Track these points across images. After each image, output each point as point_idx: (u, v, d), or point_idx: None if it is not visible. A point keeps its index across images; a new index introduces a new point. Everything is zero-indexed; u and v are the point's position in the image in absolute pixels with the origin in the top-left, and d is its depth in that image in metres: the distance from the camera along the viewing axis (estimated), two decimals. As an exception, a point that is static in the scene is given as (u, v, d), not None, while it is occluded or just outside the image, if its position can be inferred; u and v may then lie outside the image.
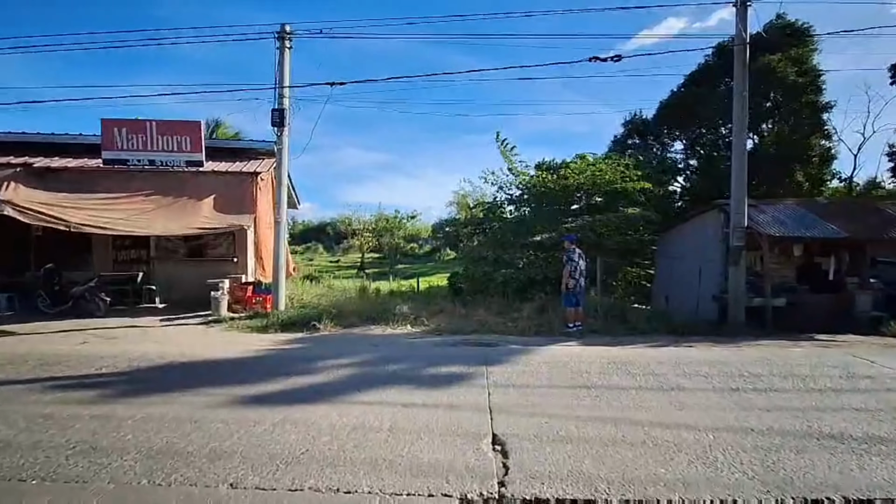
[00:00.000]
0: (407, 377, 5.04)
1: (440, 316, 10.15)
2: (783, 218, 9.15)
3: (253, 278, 10.91)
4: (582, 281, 8.17)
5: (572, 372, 5.21)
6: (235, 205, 9.23)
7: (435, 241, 51.13)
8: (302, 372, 5.21)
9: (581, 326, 8.08)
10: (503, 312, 10.89)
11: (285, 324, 7.94)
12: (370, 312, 8.93)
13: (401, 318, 8.83)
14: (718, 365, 5.51)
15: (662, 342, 7.13)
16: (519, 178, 14.40)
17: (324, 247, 55.25)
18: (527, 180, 14.23)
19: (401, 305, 11.44)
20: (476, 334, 7.72)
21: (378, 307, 9.55)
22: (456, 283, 16.60)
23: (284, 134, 8.75)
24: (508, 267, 12.87)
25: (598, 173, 13.39)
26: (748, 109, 8.70)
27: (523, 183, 14.35)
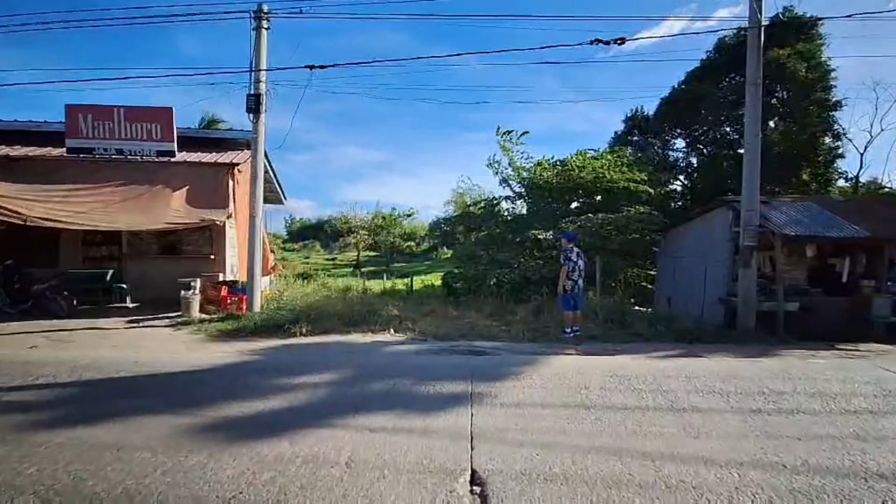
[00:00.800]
0: (379, 394, 4.41)
1: (430, 318, 9.54)
2: (798, 216, 8.53)
3: (232, 277, 10.28)
4: (580, 282, 7.55)
5: (569, 387, 4.58)
6: (209, 198, 8.58)
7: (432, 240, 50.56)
8: (260, 388, 4.57)
9: (579, 331, 7.46)
10: (497, 315, 10.27)
11: (258, 327, 7.30)
12: (353, 315, 8.28)
13: (386, 321, 8.20)
14: (734, 379, 4.88)
15: (668, 350, 6.50)
16: (518, 173, 13.76)
17: (321, 245, 54.86)
18: (526, 175, 13.59)
19: (388, 307, 10.85)
20: (465, 340, 7.09)
21: (363, 309, 8.90)
22: (450, 283, 15.98)
23: (261, 121, 8.10)
24: (503, 266, 12.25)
25: (599, 170, 12.77)
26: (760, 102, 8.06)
27: (523, 178, 13.71)
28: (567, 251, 7.43)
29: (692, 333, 7.26)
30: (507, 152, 13.63)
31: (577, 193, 13.51)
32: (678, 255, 11.48)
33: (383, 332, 7.43)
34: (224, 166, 8.98)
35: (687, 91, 22.64)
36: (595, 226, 11.87)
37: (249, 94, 7.99)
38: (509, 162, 14.01)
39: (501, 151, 14.05)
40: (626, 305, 11.23)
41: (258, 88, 8.03)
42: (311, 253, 52.89)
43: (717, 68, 21.73)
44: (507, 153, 13.65)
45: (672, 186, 23.91)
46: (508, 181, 14.48)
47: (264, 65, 8.05)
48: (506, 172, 13.88)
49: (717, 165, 21.70)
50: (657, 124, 23.93)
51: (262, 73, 8.04)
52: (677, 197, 23.47)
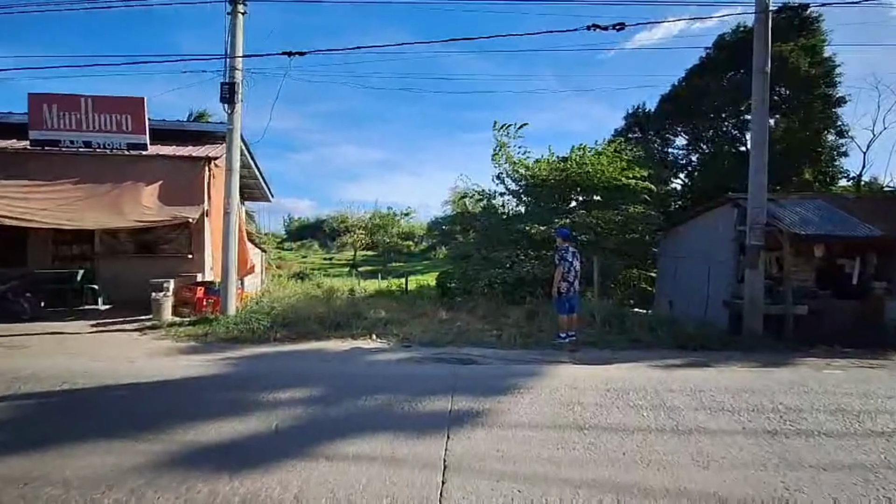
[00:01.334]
0: (344, 414, 3.90)
1: (420, 321, 9.06)
2: (808, 214, 8.06)
3: (211, 277, 9.77)
4: (576, 283, 7.06)
5: (561, 403, 4.09)
6: (184, 194, 8.07)
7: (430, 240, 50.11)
8: (213, 406, 4.07)
9: (575, 336, 6.97)
10: (489, 317, 9.79)
11: (230, 333, 6.80)
12: (336, 319, 7.78)
13: (370, 325, 7.71)
14: (744, 394, 4.40)
15: (670, 358, 6.01)
16: (515, 168, 13.22)
17: (319, 244, 54.46)
18: (523, 172, 13.07)
19: (377, 309, 10.36)
20: (453, 346, 6.59)
21: (347, 312, 8.40)
22: (444, 284, 15.46)
23: (236, 111, 7.59)
24: (497, 266, 11.76)
25: (597, 166, 12.26)
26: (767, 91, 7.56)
27: (520, 174, 13.18)
28: (562, 250, 6.94)
29: (696, 339, 6.78)
30: (503, 147, 13.10)
31: (576, 191, 13.00)
32: (679, 255, 11.00)
33: (365, 337, 6.93)
34: (200, 160, 8.46)
35: (687, 88, 22.18)
36: (592, 224, 11.37)
37: (223, 83, 7.48)
38: (506, 158, 13.47)
39: (498, 147, 13.50)
40: (625, 308, 10.76)
41: (233, 76, 7.52)
42: (308, 252, 52.50)
43: (717, 65, 21.27)
44: (504, 148, 13.11)
45: (672, 185, 23.46)
46: (504, 177, 13.96)
47: (240, 51, 7.54)
48: (503, 167, 13.34)
49: (718, 163, 21.23)
50: (657, 122, 23.47)
51: (237, 59, 7.53)
52: (677, 196, 23.01)
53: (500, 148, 13.36)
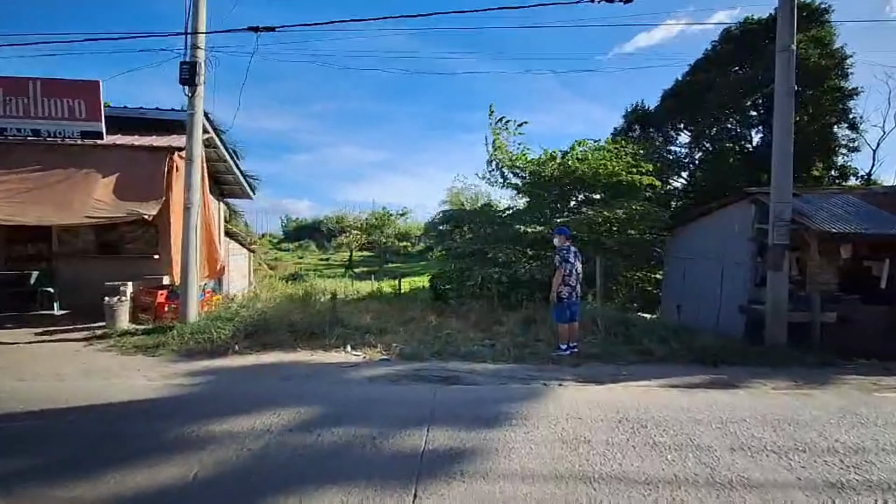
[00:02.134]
0: (288, 456, 3.08)
1: (406, 328, 8.27)
2: (836, 210, 7.26)
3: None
4: (579, 288, 6.25)
5: (564, 441, 3.27)
6: (142, 188, 7.24)
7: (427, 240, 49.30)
8: (130, 444, 3.25)
9: (577, 348, 6.16)
10: (482, 323, 8.97)
11: (184, 344, 5.98)
12: (311, 327, 6.96)
13: (348, 335, 6.90)
14: (787, 427, 3.59)
15: (688, 375, 5.20)
16: (514, 161, 12.39)
17: (316, 244, 53.85)
18: (521, 164, 12.25)
19: (360, 315, 9.56)
20: (438, 360, 5.76)
21: (326, 319, 7.58)
22: (437, 286, 14.63)
23: (198, 94, 6.76)
24: (493, 265, 10.95)
25: (599, 161, 11.46)
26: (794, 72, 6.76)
27: (517, 166, 12.35)
28: (563, 251, 6.12)
29: (715, 352, 5.95)
30: (497, 136, 12.25)
31: (576, 188, 12.20)
32: (688, 255, 10.20)
33: (340, 349, 6.10)
34: (162, 151, 7.63)
35: (691, 83, 21.40)
36: (593, 222, 10.57)
37: (183, 62, 6.65)
38: (500, 155, 12.64)
39: (493, 141, 12.65)
40: (630, 313, 9.96)
41: (195, 55, 6.69)
42: (305, 253, 51.88)
43: (723, 59, 20.51)
44: (497, 138, 12.27)
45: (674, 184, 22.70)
46: (502, 167, 13.12)
47: (203, 27, 6.72)
48: (497, 157, 12.48)
49: (722, 161, 20.46)
50: (659, 119, 22.69)
51: (199, 37, 6.71)
52: (679, 195, 22.24)
53: (497, 142, 12.53)
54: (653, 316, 12.16)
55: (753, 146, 20.68)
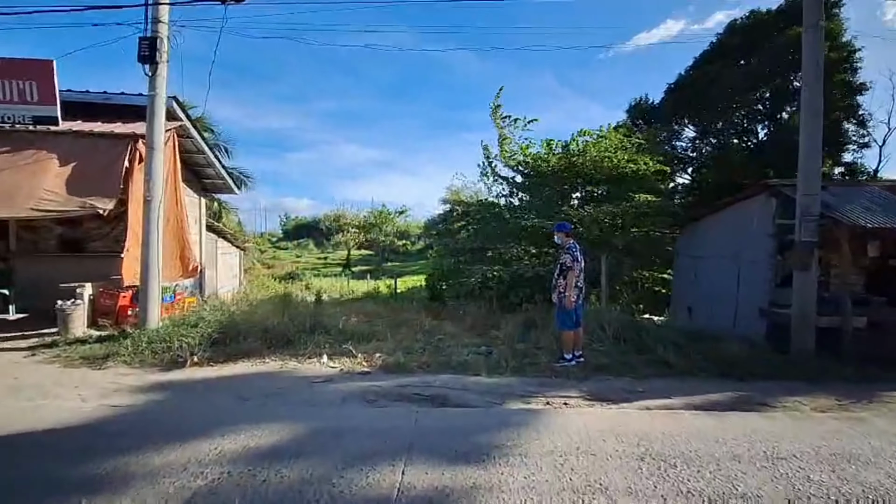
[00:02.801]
0: (231, 496, 2.39)
1: (396, 332, 7.59)
2: (865, 203, 6.58)
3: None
4: (585, 290, 5.56)
5: (574, 489, 2.57)
6: (100, 179, 6.53)
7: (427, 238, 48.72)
8: (21, 494, 2.55)
9: (583, 358, 5.47)
10: (478, 327, 8.30)
11: (138, 354, 5.27)
12: (288, 333, 6.26)
13: (330, 342, 6.21)
14: (847, 465, 2.89)
15: (712, 392, 4.50)
16: (514, 156, 11.67)
17: (315, 243, 53.26)
18: (521, 158, 11.55)
19: (347, 318, 8.89)
20: (426, 373, 5.07)
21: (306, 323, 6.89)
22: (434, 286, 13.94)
23: (159, 74, 6.05)
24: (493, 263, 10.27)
25: (602, 153, 10.75)
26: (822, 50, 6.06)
27: (517, 160, 11.64)
28: (571, 249, 5.41)
29: (741, 363, 5.26)
30: (502, 130, 11.49)
31: (578, 182, 11.49)
32: (700, 254, 9.51)
33: (314, 359, 5.39)
34: (124, 139, 6.91)
35: (697, 76, 20.70)
36: (599, 218, 9.89)
37: (142, 38, 5.94)
38: (507, 147, 11.86)
39: (497, 135, 11.87)
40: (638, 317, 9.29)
41: (156, 30, 5.98)
42: (304, 252, 51.29)
43: (728, 51, 19.79)
44: (503, 131, 11.51)
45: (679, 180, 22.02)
46: (500, 163, 12.40)
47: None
48: (504, 154, 11.73)
49: (728, 157, 19.78)
50: (663, 114, 21.98)
51: (161, 8, 6.00)
52: (684, 192, 21.55)
53: (503, 135, 11.76)
54: (661, 318, 11.49)
55: (759, 141, 20.02)
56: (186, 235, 8.40)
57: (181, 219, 8.33)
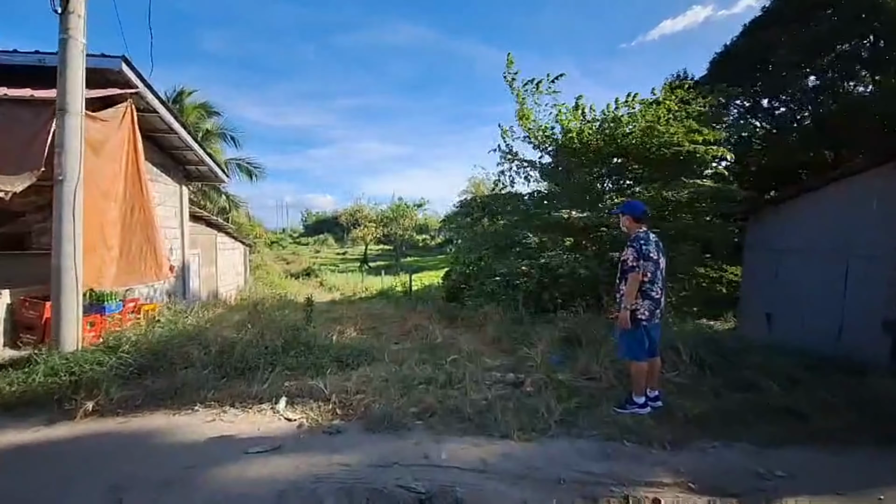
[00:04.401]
0: None
1: (403, 345, 6.00)
2: None
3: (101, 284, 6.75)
4: (664, 300, 3.75)
5: None
6: (13, 155, 5.05)
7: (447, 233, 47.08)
8: None
9: (659, 402, 3.70)
10: (503, 342, 6.60)
11: (29, 392, 3.73)
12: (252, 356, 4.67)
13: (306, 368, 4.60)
14: None
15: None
16: (543, 131, 9.74)
17: (334, 238, 52.80)
18: (549, 135, 9.64)
19: (343, 327, 7.33)
20: (425, 431, 3.35)
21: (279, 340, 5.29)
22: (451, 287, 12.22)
23: (72, 11, 4.49)
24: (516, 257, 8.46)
25: (653, 123, 8.75)
26: None
27: (547, 138, 9.72)
28: (640, 240, 3.60)
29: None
30: (522, 102, 9.57)
31: (618, 162, 9.50)
32: (785, 246, 7.52)
33: (268, 404, 3.73)
34: (46, 106, 5.42)
35: (747, 44, 18.23)
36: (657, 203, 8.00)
37: (48, -36, 4.39)
38: (527, 125, 9.91)
39: (517, 110, 9.93)
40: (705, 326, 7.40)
41: (66, -47, 4.43)
42: (322, 247, 50.80)
43: (784, 18, 17.26)
44: (521, 103, 9.59)
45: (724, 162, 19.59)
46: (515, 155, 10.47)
47: None
48: (530, 125, 9.77)
49: (784, 137, 17.34)
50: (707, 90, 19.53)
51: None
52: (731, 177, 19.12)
53: (522, 111, 9.82)
54: (723, 327, 9.51)
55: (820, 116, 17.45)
56: (155, 231, 6.93)
57: (147, 209, 6.86)
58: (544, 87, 9.43)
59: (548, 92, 9.43)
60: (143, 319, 6.40)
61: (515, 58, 9.42)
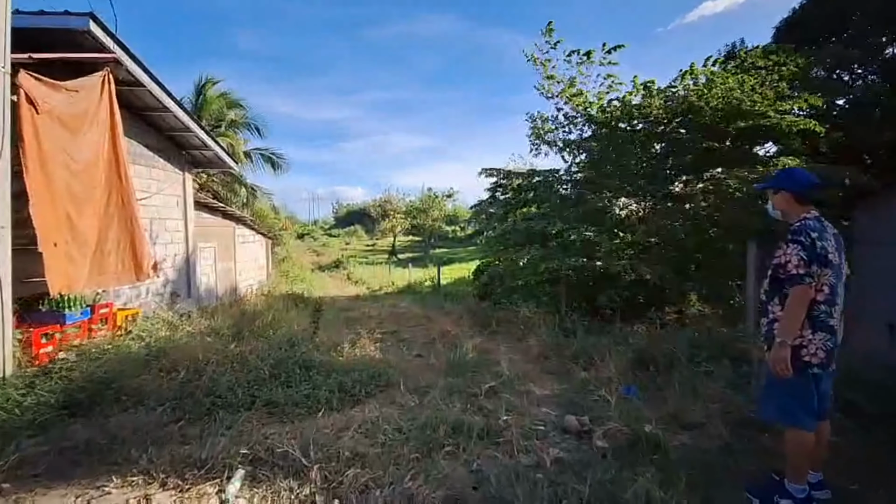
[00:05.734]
0: None
1: (426, 358, 4.78)
2: None
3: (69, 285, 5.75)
4: (841, 330, 2.32)
5: None
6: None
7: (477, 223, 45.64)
8: None
9: (825, 490, 2.30)
10: (550, 360, 5.27)
11: None
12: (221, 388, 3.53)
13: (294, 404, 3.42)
14: None
15: None
16: (576, 102, 8.20)
17: (364, 230, 52.72)
18: (594, 106, 8.10)
19: (365, 327, 6.21)
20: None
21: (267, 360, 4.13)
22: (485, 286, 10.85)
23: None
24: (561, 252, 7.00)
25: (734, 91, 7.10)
26: None
27: (582, 108, 8.19)
28: (811, 233, 2.18)
29: None
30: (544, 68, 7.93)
31: (690, 137, 7.83)
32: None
33: (211, 489, 2.52)
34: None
35: (818, 8, 15.87)
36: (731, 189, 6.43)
37: None
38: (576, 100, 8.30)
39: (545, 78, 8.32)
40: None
41: None
42: (352, 238, 50.76)
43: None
44: (567, 89, 7.95)
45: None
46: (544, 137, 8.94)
47: None
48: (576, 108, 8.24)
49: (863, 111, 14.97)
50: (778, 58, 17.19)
51: None
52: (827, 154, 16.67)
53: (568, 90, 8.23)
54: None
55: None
56: (137, 221, 5.91)
57: (127, 197, 5.85)
58: (597, 58, 7.94)
59: (602, 63, 7.94)
60: (123, 328, 5.41)
61: (542, 44, 7.96)
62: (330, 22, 62.31)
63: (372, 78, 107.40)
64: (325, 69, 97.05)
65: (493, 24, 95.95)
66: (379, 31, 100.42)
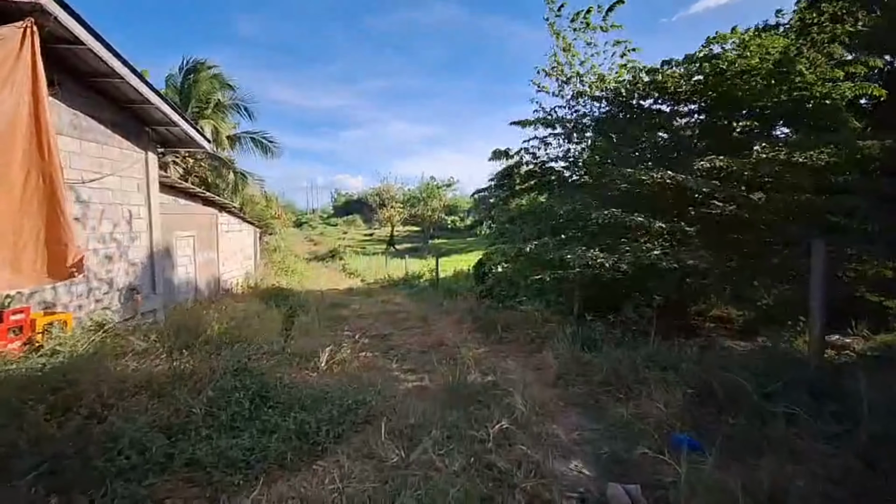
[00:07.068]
0: None
1: (422, 387, 3.80)
2: None
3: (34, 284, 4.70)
4: None
5: None
6: None
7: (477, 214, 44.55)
8: None
9: None
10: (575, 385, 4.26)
11: None
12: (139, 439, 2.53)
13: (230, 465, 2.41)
14: None
15: None
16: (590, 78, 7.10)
17: (362, 219, 51.95)
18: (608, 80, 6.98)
19: (337, 345, 5.20)
20: None
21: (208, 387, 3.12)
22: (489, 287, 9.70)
23: None
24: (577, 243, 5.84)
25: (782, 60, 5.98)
26: None
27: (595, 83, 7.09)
28: None
29: None
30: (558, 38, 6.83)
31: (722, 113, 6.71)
32: None
33: None
34: None
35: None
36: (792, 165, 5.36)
37: None
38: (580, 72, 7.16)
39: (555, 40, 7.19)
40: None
41: None
42: (350, 228, 49.84)
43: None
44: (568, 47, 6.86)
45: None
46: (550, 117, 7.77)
47: None
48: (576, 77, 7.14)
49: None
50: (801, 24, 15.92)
51: None
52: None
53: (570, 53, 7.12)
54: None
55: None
56: (63, 207, 4.83)
57: (51, 177, 4.75)
58: (595, 21, 6.87)
59: (606, 28, 6.85)
60: (42, 339, 4.37)
61: (542, 38, 6.86)
62: (330, 9, 60.64)
63: (372, 66, 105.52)
64: (324, 57, 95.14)
65: (494, 11, 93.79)
66: (380, 19, 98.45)
